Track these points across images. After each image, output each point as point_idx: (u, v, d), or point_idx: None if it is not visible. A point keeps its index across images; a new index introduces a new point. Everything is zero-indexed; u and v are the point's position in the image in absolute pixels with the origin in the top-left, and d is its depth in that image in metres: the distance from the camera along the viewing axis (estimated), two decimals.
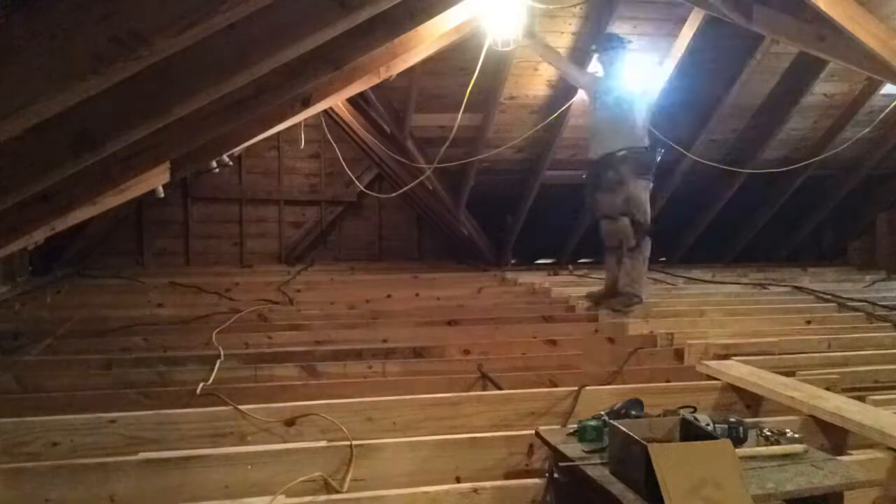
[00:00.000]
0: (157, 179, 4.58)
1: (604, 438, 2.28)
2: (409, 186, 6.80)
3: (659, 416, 2.38)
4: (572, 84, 5.63)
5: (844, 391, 3.22)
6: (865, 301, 5.32)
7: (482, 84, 5.61)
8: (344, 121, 7.09)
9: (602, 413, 2.46)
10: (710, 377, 3.42)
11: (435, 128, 6.28)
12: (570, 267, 7.43)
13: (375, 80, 4.89)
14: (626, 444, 2.01)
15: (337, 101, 5.70)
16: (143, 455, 2.44)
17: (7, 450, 2.51)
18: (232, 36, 2.30)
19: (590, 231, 7.64)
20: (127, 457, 2.41)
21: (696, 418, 2.30)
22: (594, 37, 5.59)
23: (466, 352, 4.01)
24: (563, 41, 5.70)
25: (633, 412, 2.46)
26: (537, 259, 8.47)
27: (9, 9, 1.64)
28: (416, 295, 5.89)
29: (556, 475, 2.26)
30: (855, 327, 4.75)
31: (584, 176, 5.32)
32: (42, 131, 2.17)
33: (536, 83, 6.05)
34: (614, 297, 5.00)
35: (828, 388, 3.17)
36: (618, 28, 5.60)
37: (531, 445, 2.57)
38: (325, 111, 6.71)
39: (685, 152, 6.62)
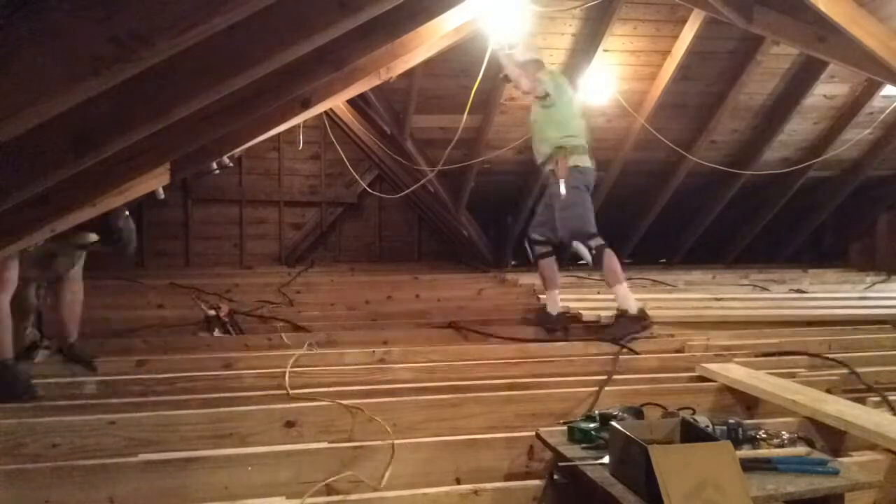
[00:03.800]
0: (157, 181, 4.57)
1: (593, 439, 2.29)
2: (411, 189, 6.80)
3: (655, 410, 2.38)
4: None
5: (845, 393, 3.22)
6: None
7: (482, 85, 5.60)
8: (344, 122, 7.10)
9: (595, 413, 2.47)
10: (709, 379, 3.42)
11: (435, 129, 6.29)
12: (570, 267, 7.43)
13: (376, 82, 4.88)
14: (626, 446, 2.01)
15: (337, 103, 5.70)
16: (143, 456, 2.44)
17: (7, 451, 2.51)
18: (232, 37, 2.29)
19: None
20: (127, 458, 2.41)
21: (695, 420, 2.31)
22: (595, 38, 5.60)
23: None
24: (563, 42, 5.70)
25: (629, 416, 2.46)
26: None
27: (9, 9, 1.64)
28: (417, 296, 5.89)
29: (556, 477, 2.26)
30: (855, 328, 4.75)
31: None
32: (42, 132, 2.17)
33: None
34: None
35: (828, 390, 3.17)
36: (618, 29, 5.61)
37: (531, 447, 2.57)
38: (326, 112, 6.72)
39: (685, 153, 6.63)
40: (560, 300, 4.88)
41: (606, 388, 3.20)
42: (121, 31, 1.74)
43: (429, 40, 4.55)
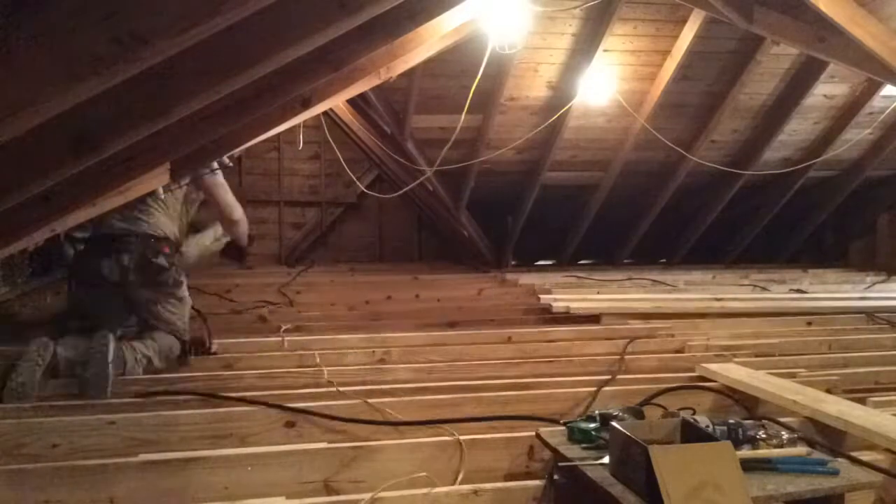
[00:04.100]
0: (157, 181, 4.57)
1: (593, 439, 2.29)
2: (409, 187, 6.79)
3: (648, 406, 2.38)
4: None
5: (845, 393, 3.22)
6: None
7: (482, 85, 5.60)
8: (344, 122, 7.09)
9: (595, 413, 2.47)
10: (709, 379, 3.42)
11: (435, 129, 6.28)
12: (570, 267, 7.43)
13: (376, 82, 4.88)
14: (626, 446, 2.01)
15: (337, 103, 5.70)
16: (143, 456, 2.44)
17: (7, 451, 2.51)
18: (232, 37, 2.29)
19: (590, 232, 7.66)
20: (127, 458, 2.41)
21: (695, 420, 2.31)
22: (595, 38, 5.60)
23: None
24: (563, 42, 5.70)
25: (629, 416, 2.46)
26: (538, 260, 8.47)
27: (9, 9, 1.64)
28: (417, 296, 5.89)
29: (556, 477, 2.26)
30: (856, 328, 4.75)
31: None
32: (42, 132, 2.17)
33: (537, 84, 6.05)
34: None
35: (828, 390, 3.17)
36: (619, 29, 5.60)
37: (531, 447, 2.57)
38: (326, 112, 6.71)
39: (685, 153, 6.63)
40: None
41: (606, 388, 3.20)
42: (121, 31, 1.74)
43: (429, 40, 4.54)
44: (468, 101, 5.70)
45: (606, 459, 2.13)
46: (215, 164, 4.31)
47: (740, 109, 6.57)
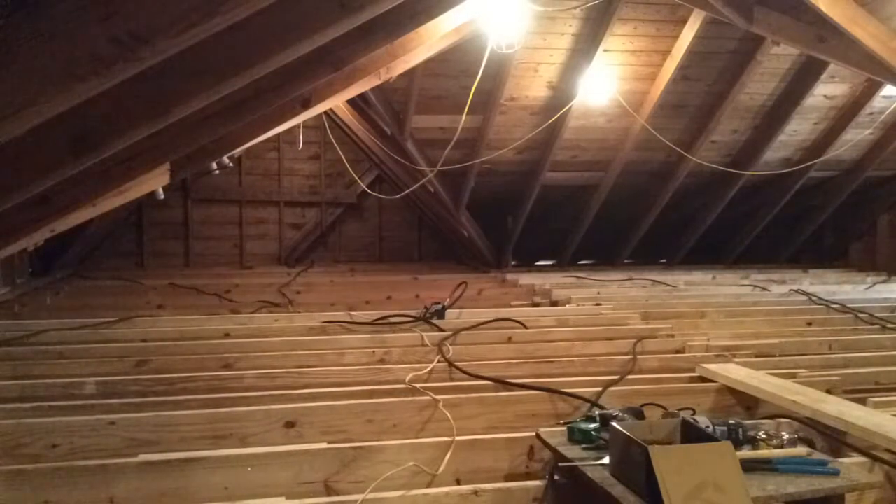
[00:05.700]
0: (157, 181, 4.58)
1: (593, 440, 2.29)
2: (411, 189, 6.80)
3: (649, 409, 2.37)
4: None
5: (845, 393, 3.22)
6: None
7: (482, 85, 5.61)
8: (344, 122, 7.10)
9: (595, 413, 2.47)
10: (709, 379, 3.41)
11: (435, 129, 6.29)
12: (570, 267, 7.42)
13: (376, 82, 4.89)
14: (626, 447, 2.00)
15: (337, 103, 5.70)
16: (142, 457, 2.43)
17: (7, 451, 2.51)
18: (232, 37, 2.29)
19: (590, 233, 7.66)
20: (127, 458, 2.41)
21: (695, 420, 2.30)
22: (595, 38, 5.60)
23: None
24: (563, 42, 5.70)
25: (629, 417, 2.46)
26: (538, 261, 8.47)
27: (9, 9, 1.64)
28: (417, 297, 5.88)
29: (556, 477, 2.26)
30: (855, 329, 4.75)
31: None
32: (42, 132, 2.17)
33: (537, 84, 6.05)
34: None
35: (828, 391, 3.16)
36: (619, 29, 5.60)
37: (532, 447, 2.57)
38: (326, 112, 6.72)
39: (685, 153, 6.63)
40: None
41: (613, 388, 3.19)
42: (121, 31, 1.74)
43: (429, 40, 4.54)
44: (469, 102, 5.70)
45: (606, 460, 2.12)
46: (214, 165, 4.30)
47: (740, 109, 6.57)
